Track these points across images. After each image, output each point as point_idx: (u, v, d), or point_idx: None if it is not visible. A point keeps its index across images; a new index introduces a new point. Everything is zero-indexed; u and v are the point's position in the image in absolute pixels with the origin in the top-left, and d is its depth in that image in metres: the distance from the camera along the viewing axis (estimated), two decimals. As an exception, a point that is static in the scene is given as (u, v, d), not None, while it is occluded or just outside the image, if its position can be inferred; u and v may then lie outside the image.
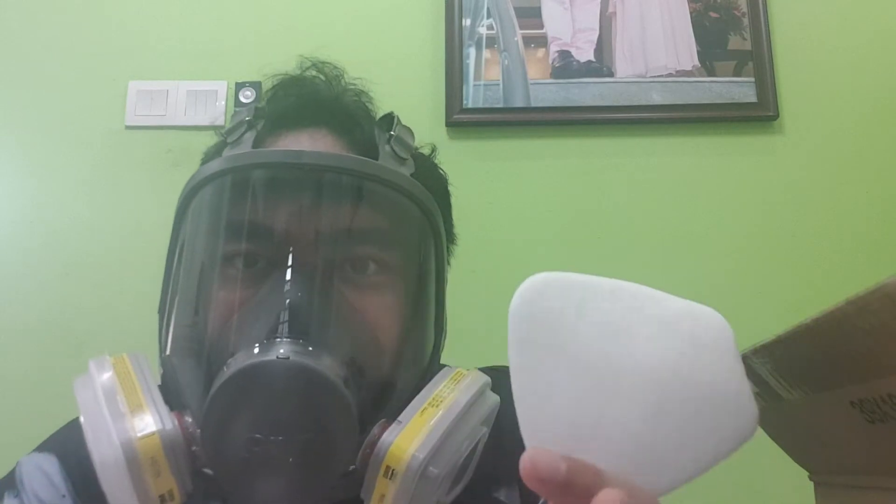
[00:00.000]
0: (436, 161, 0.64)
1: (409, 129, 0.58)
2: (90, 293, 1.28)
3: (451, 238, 0.64)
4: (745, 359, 0.41)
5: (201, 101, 1.36)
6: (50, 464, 0.56)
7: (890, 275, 0.27)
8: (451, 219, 0.64)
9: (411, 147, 0.57)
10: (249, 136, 0.54)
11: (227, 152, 0.53)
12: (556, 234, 1.30)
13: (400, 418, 0.46)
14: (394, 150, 0.54)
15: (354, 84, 0.63)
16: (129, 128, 1.36)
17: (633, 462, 0.29)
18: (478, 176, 1.32)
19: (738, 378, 0.30)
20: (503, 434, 0.60)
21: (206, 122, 1.34)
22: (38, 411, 1.19)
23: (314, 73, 0.63)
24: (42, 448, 0.58)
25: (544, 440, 0.30)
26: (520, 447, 0.63)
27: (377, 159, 0.53)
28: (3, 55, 1.41)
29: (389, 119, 0.58)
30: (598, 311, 0.30)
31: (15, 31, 1.42)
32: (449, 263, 0.64)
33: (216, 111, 1.35)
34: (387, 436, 0.45)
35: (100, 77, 1.39)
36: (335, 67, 0.63)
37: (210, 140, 0.62)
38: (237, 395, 0.43)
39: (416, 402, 0.47)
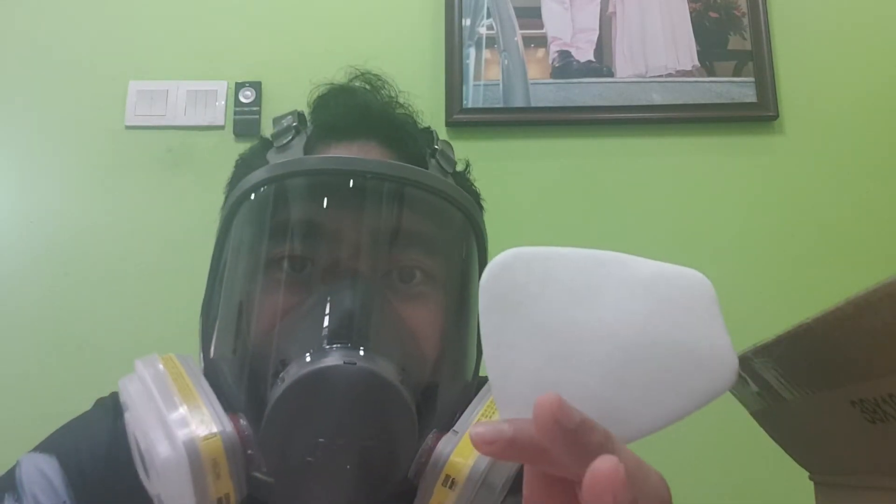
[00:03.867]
0: (469, 177, 0.65)
1: (450, 145, 0.59)
2: (90, 293, 1.28)
3: (486, 253, 0.65)
4: (746, 359, 0.41)
5: (201, 101, 1.36)
6: (50, 466, 0.55)
7: (890, 275, 0.27)
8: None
9: (454, 162, 0.58)
10: (298, 142, 0.54)
11: (274, 156, 0.54)
12: (555, 234, 1.30)
13: (455, 428, 0.47)
14: (440, 164, 0.56)
15: (400, 97, 0.64)
16: (129, 128, 1.36)
17: (594, 417, 0.30)
18: (478, 176, 1.32)
19: (714, 332, 0.32)
20: None
21: (206, 123, 1.35)
22: (38, 411, 1.19)
23: (361, 83, 0.63)
24: (42, 448, 0.58)
25: (512, 404, 0.31)
26: None
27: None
28: (3, 55, 1.41)
29: (430, 133, 0.59)
30: (561, 280, 0.32)
31: (15, 32, 1.42)
32: None
33: (216, 111, 1.35)
34: (443, 446, 0.45)
35: (100, 77, 1.39)
36: (379, 78, 0.64)
37: (211, 140, 0.62)
38: (304, 399, 0.43)
39: (468, 412, 0.48)
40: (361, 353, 0.45)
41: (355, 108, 0.60)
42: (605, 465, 0.27)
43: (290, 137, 0.54)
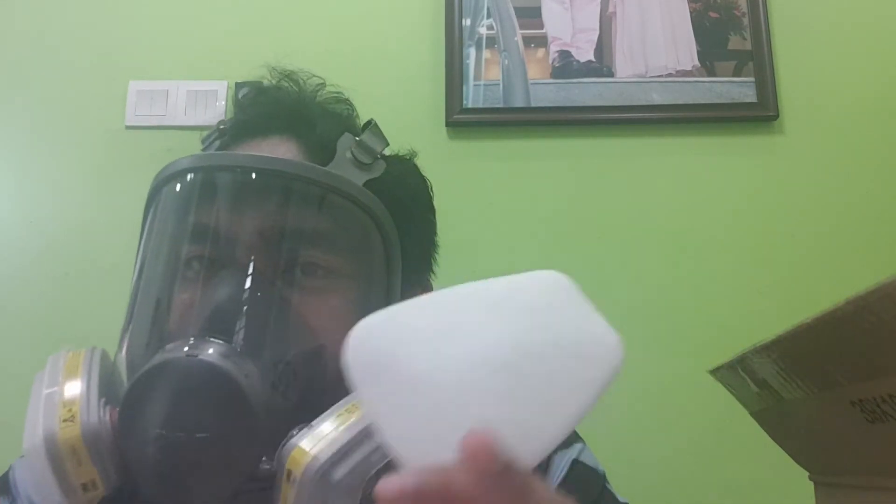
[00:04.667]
0: (416, 166, 0.64)
1: (379, 135, 0.57)
2: (90, 293, 1.28)
3: (432, 245, 0.63)
4: (746, 359, 0.41)
5: (201, 101, 1.36)
6: None
7: (890, 275, 0.27)
8: (433, 225, 0.64)
9: (375, 152, 0.56)
10: (216, 145, 0.57)
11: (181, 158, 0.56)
12: (555, 235, 1.30)
13: (313, 423, 0.45)
14: (354, 156, 0.55)
15: (336, 92, 0.64)
16: (129, 128, 1.36)
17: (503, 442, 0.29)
18: (478, 176, 1.32)
19: (585, 319, 0.32)
20: None
21: (206, 122, 1.34)
22: (38, 411, 1.19)
23: (286, 82, 0.64)
24: None
25: (416, 458, 0.30)
26: None
27: (329, 164, 0.53)
28: (3, 55, 1.41)
29: (365, 125, 0.58)
30: (419, 329, 0.32)
31: (15, 32, 1.42)
32: (433, 272, 0.64)
33: (216, 111, 1.35)
34: (295, 440, 0.44)
35: (100, 77, 1.39)
36: (310, 76, 0.64)
37: (210, 140, 0.63)
38: (145, 391, 0.44)
39: (334, 407, 0.46)
40: (220, 346, 0.45)
41: (267, 106, 0.61)
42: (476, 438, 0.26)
43: (213, 140, 0.57)
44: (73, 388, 0.46)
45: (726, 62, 1.35)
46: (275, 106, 0.60)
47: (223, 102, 1.36)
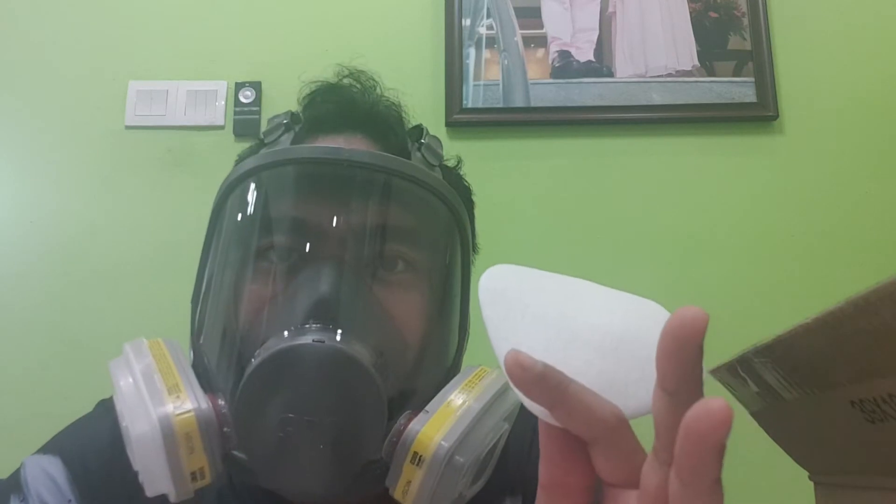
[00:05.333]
0: (461, 173, 0.67)
1: (437, 140, 0.60)
2: (90, 293, 1.28)
3: (474, 248, 0.65)
4: (746, 359, 0.41)
5: (201, 101, 1.36)
6: (55, 467, 0.56)
7: (890, 275, 0.27)
8: (475, 230, 0.66)
9: (440, 156, 0.59)
10: (287, 138, 0.56)
11: (264, 152, 0.55)
12: (556, 235, 1.30)
13: (427, 408, 0.48)
14: (424, 157, 0.57)
15: (388, 95, 0.65)
16: (129, 128, 1.36)
17: (603, 391, 0.31)
18: (478, 176, 1.32)
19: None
20: (509, 447, 0.61)
21: (205, 123, 1.35)
22: (37, 411, 1.19)
23: (350, 81, 0.64)
24: (46, 450, 0.58)
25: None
26: (524, 461, 0.63)
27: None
28: (4, 56, 1.41)
29: (419, 129, 0.61)
30: (548, 288, 0.36)
31: (14, 32, 1.42)
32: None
33: (216, 111, 1.35)
34: (414, 424, 0.46)
35: (100, 77, 1.39)
36: (370, 77, 0.65)
37: (210, 140, 0.63)
38: (273, 376, 0.45)
39: (442, 394, 0.49)
40: (337, 334, 0.46)
41: (341, 104, 0.61)
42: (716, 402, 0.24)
43: (280, 134, 0.56)
44: (173, 377, 0.47)
45: (726, 62, 1.35)
46: (349, 104, 0.61)
47: (223, 102, 1.36)
